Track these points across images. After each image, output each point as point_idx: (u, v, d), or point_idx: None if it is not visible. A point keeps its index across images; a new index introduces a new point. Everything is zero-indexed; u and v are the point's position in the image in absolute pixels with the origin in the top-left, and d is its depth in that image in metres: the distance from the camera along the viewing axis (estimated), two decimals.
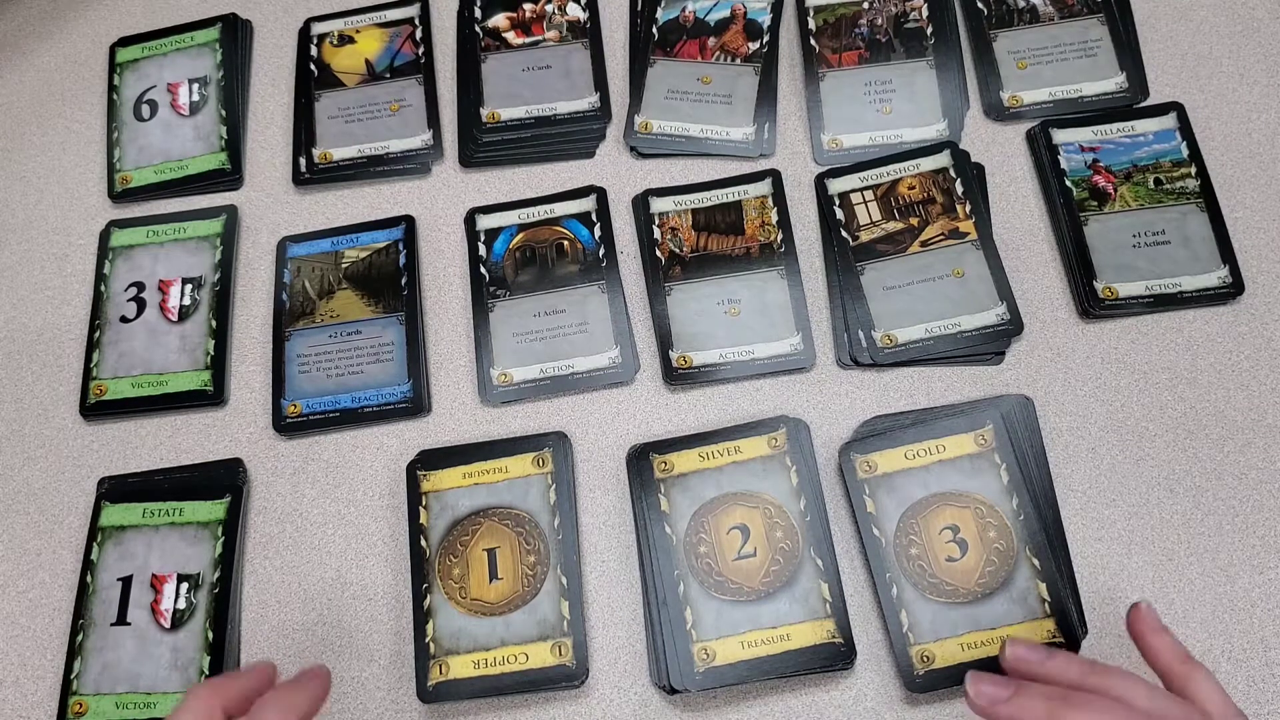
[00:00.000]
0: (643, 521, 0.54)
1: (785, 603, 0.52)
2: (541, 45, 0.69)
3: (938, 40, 0.66)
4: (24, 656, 0.56)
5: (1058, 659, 0.42)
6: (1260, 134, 0.62)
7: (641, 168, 0.65)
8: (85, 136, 0.70)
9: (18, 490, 0.60)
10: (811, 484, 0.54)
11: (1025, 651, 0.42)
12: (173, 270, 0.64)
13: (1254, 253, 0.59)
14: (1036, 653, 0.42)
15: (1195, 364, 0.57)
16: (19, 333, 0.64)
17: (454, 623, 0.53)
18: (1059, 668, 0.41)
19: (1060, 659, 0.42)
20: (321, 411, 0.59)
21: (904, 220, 0.61)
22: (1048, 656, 0.42)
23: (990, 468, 0.54)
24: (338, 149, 0.67)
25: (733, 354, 0.58)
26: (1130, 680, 0.40)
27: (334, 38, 0.71)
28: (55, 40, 0.74)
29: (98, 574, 0.56)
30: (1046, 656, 0.42)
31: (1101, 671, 0.40)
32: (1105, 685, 0.40)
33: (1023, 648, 0.43)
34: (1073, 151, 0.62)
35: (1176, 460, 0.55)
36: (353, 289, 0.63)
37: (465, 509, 0.55)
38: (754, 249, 0.61)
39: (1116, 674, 0.40)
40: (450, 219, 0.65)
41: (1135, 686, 0.40)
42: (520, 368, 0.59)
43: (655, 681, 0.52)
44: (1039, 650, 0.42)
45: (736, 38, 0.67)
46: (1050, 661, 0.42)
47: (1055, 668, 0.42)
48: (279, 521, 0.58)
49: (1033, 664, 0.42)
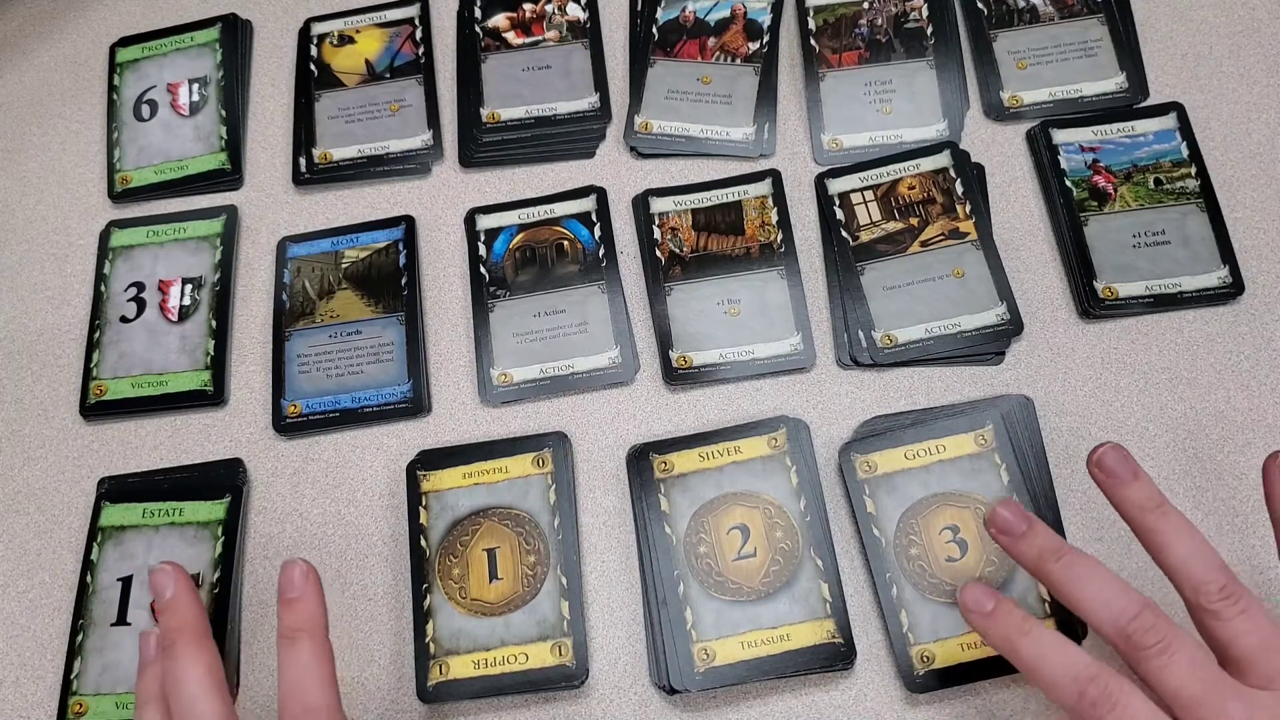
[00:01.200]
0: (643, 521, 0.54)
1: (785, 603, 0.52)
2: (541, 45, 0.69)
3: (938, 40, 0.66)
4: (24, 656, 0.56)
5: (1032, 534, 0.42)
6: (1260, 134, 0.62)
7: (641, 168, 0.65)
8: (85, 136, 0.70)
9: (18, 490, 0.60)
10: (811, 484, 0.54)
11: (1005, 521, 0.43)
12: (173, 270, 0.64)
13: (1254, 253, 0.59)
14: (987, 599, 0.42)
15: (1195, 364, 0.57)
16: (19, 333, 0.64)
17: (454, 623, 0.53)
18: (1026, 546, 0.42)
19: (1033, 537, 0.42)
20: (321, 411, 0.59)
21: (904, 220, 0.61)
22: (1024, 536, 0.43)
23: (990, 468, 0.54)
24: (338, 149, 0.67)
25: (733, 354, 0.59)
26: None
27: (334, 38, 0.71)
28: (55, 40, 0.74)
29: (98, 574, 0.56)
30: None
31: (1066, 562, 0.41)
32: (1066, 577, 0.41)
33: (1001, 517, 0.43)
34: (1073, 151, 0.62)
35: (1176, 460, 0.55)
36: (353, 289, 0.63)
37: (465, 509, 0.56)
38: (754, 249, 0.61)
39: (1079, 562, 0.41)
40: (450, 219, 0.65)
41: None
42: (520, 368, 0.59)
43: (655, 681, 0.52)
44: (1021, 520, 0.43)
45: (736, 38, 0.67)
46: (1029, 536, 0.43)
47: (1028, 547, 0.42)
48: (279, 521, 0.58)
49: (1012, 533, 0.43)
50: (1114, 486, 0.43)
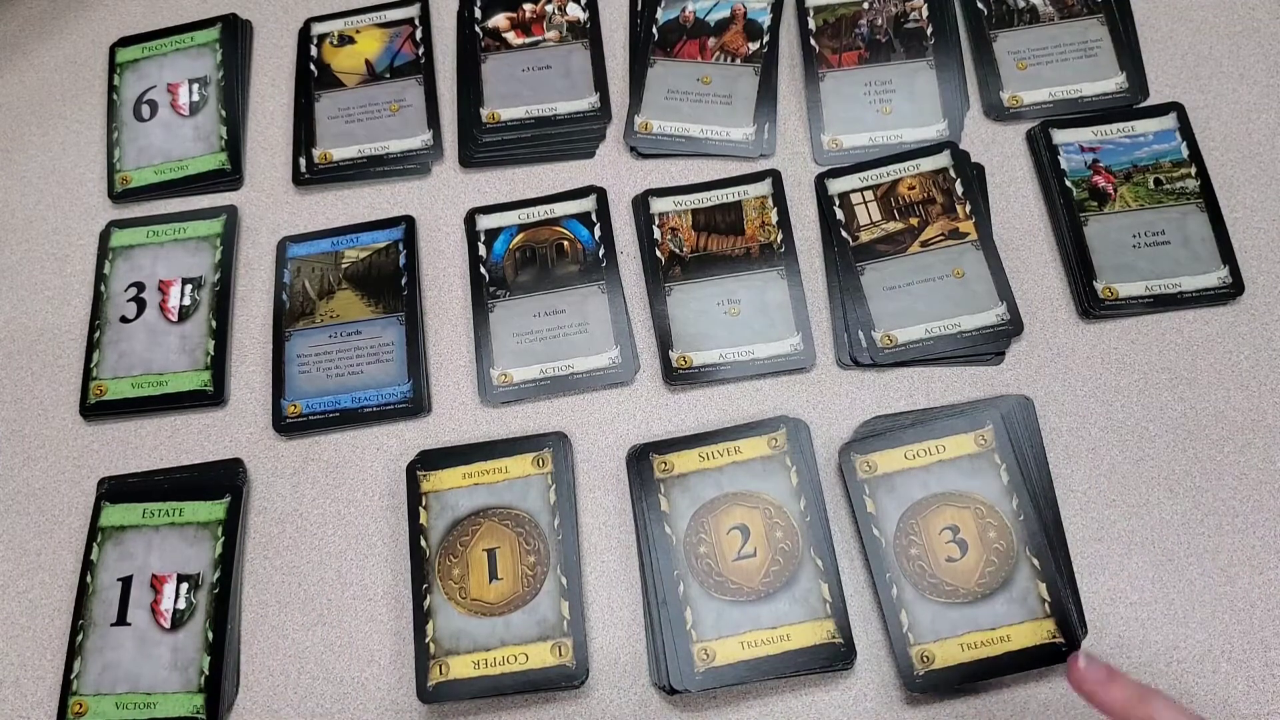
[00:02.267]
0: (643, 522, 0.54)
1: (785, 603, 0.52)
2: (541, 45, 0.69)
3: (938, 40, 0.66)
4: (24, 656, 0.56)
5: (1117, 686, 0.42)
6: (1260, 134, 0.62)
7: (641, 168, 0.65)
8: (85, 136, 0.70)
9: (18, 490, 0.60)
10: (811, 484, 0.54)
11: (1089, 670, 0.43)
12: (173, 270, 0.64)
13: (1254, 253, 0.59)
14: (1099, 672, 0.43)
15: (1195, 364, 0.57)
16: (19, 333, 0.64)
17: (454, 623, 0.53)
18: (1116, 697, 0.42)
19: (1119, 686, 0.42)
20: (321, 411, 0.59)
21: (904, 220, 0.61)
22: (1109, 680, 0.43)
23: (990, 468, 0.54)
24: (338, 149, 0.67)
25: (733, 354, 0.58)
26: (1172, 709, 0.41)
27: (334, 38, 0.71)
28: (55, 40, 0.74)
29: (98, 574, 0.56)
30: (1108, 679, 0.43)
31: (1149, 698, 0.41)
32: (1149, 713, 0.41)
33: (1089, 666, 0.43)
34: (1073, 152, 0.62)
35: (1176, 460, 0.55)
36: (353, 289, 0.63)
37: (465, 509, 0.56)
38: (754, 249, 0.61)
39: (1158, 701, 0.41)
40: (450, 219, 0.65)
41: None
42: (520, 368, 0.59)
43: (655, 682, 0.52)
44: (1102, 670, 0.43)
45: (736, 38, 0.67)
46: (1111, 687, 0.42)
47: (1112, 698, 0.42)
48: (279, 521, 0.58)
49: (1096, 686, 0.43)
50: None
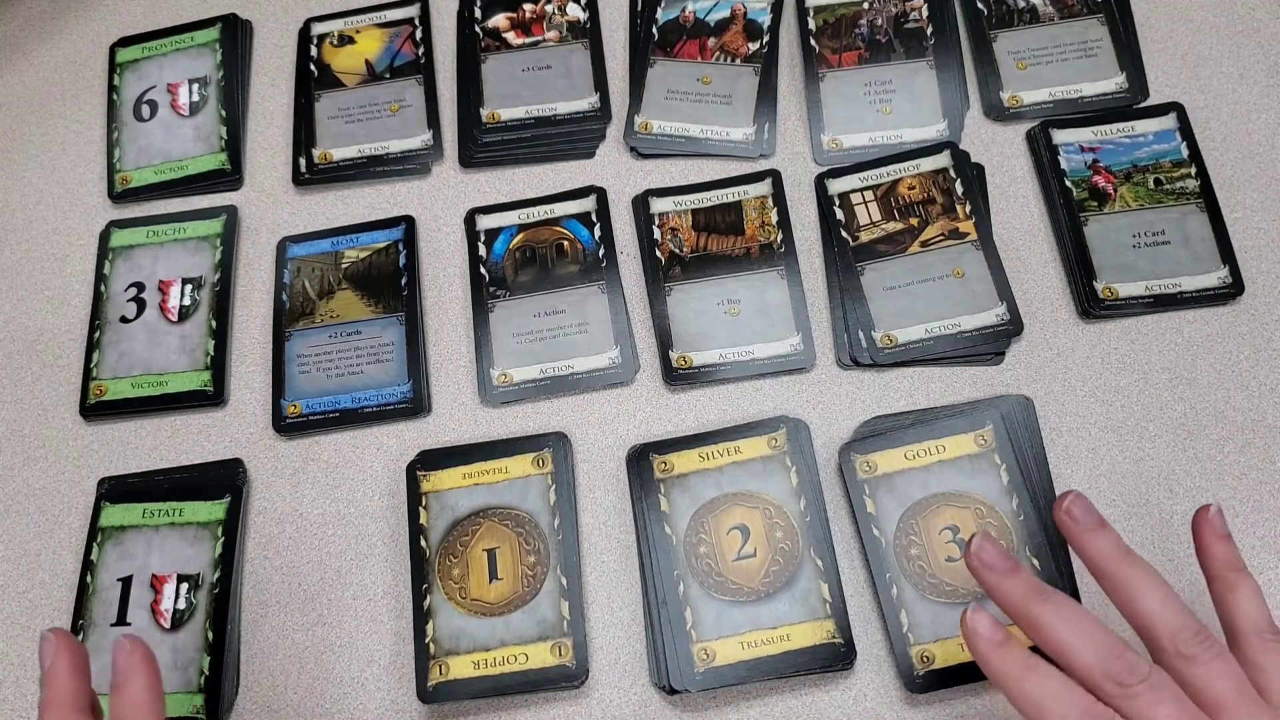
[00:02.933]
0: (643, 522, 0.54)
1: (785, 603, 0.52)
2: (541, 45, 0.69)
3: (938, 40, 0.66)
4: (24, 656, 0.56)
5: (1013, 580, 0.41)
6: (1260, 134, 0.62)
7: (641, 168, 0.65)
8: (85, 136, 0.70)
9: (18, 490, 0.60)
10: (811, 484, 0.54)
11: (992, 556, 0.41)
12: (173, 270, 0.64)
13: (1254, 253, 0.59)
14: (1004, 559, 0.41)
15: (1195, 364, 0.57)
16: (19, 333, 0.64)
17: (454, 623, 0.53)
18: (1007, 589, 0.41)
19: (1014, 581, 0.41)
20: (321, 412, 0.59)
21: (904, 220, 0.61)
22: (1009, 572, 0.41)
23: (990, 468, 0.54)
24: (338, 149, 0.67)
25: (733, 354, 0.58)
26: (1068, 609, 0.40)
27: (334, 38, 0.71)
28: (55, 40, 0.74)
29: (98, 574, 0.56)
30: (1009, 571, 0.41)
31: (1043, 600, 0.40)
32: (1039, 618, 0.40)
33: (990, 551, 0.42)
34: (1073, 152, 0.62)
35: (1176, 460, 0.55)
36: (353, 289, 0.63)
37: (465, 509, 0.56)
38: (754, 249, 0.61)
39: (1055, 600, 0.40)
40: (450, 219, 0.65)
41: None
42: (520, 368, 0.59)
43: (655, 682, 0.52)
44: (1006, 559, 0.41)
45: (736, 38, 0.67)
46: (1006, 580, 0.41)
47: (1005, 589, 0.41)
48: (279, 521, 0.58)
49: (990, 571, 0.41)
50: (1082, 534, 0.42)
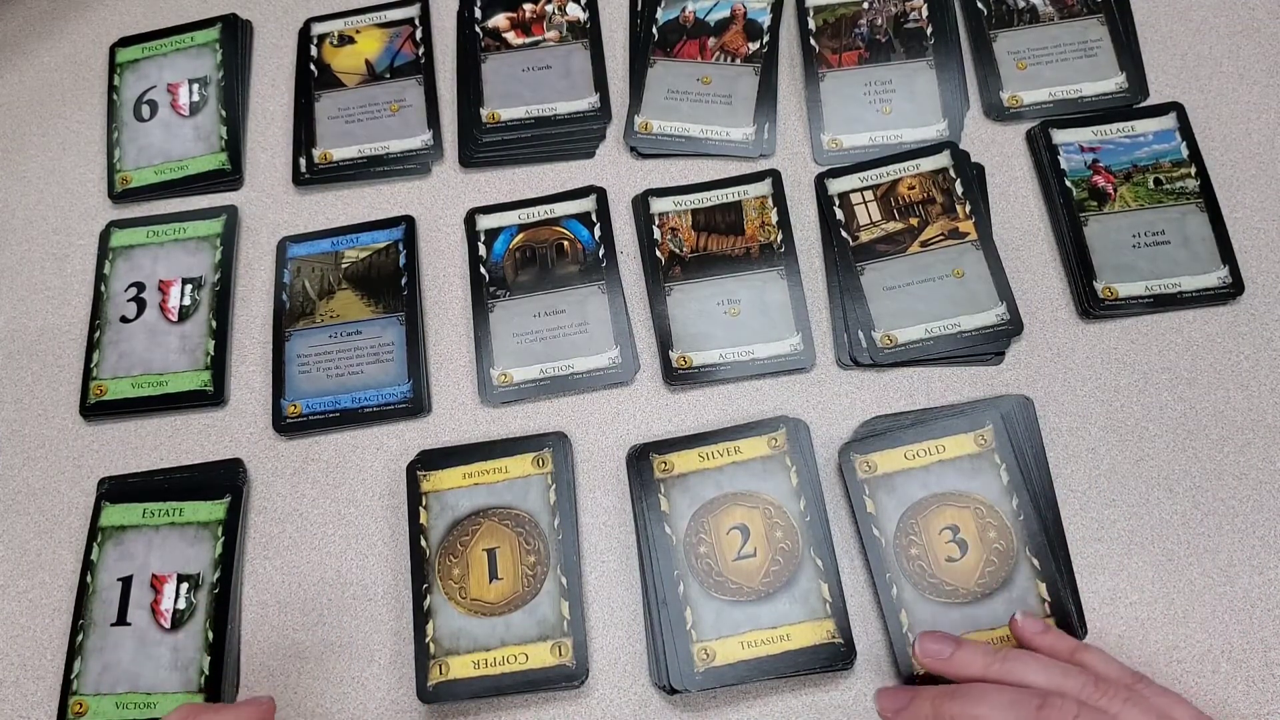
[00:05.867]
0: (643, 521, 0.54)
1: (785, 603, 0.52)
2: (541, 45, 0.69)
3: (938, 40, 0.66)
4: (24, 656, 0.56)
5: (963, 652, 0.44)
6: (1260, 134, 0.62)
7: (641, 168, 0.65)
8: (85, 136, 0.70)
9: (18, 490, 0.60)
10: (811, 484, 0.54)
11: (934, 645, 0.45)
12: (173, 270, 0.64)
13: (1254, 253, 0.59)
14: (945, 646, 0.45)
15: (1195, 364, 0.57)
16: (19, 333, 0.64)
17: (454, 623, 0.53)
18: (964, 662, 0.44)
19: (965, 653, 0.44)
20: (321, 412, 0.59)
21: (904, 220, 0.61)
22: (955, 650, 0.44)
23: (990, 468, 0.54)
24: (338, 149, 0.67)
25: (733, 354, 0.59)
26: (1025, 661, 0.43)
27: (334, 38, 0.71)
28: (55, 40, 0.74)
29: (98, 574, 0.56)
30: (953, 651, 0.44)
31: (1001, 659, 0.43)
32: (1004, 672, 0.42)
33: (931, 641, 0.45)
34: (1073, 152, 0.62)
35: (1176, 460, 0.55)
36: (353, 289, 0.63)
37: (465, 509, 0.56)
38: (754, 249, 0.61)
39: (1014, 658, 0.43)
40: (450, 219, 0.65)
41: (1028, 665, 0.42)
42: (520, 368, 0.59)
43: (655, 681, 0.52)
44: (948, 643, 0.45)
45: (736, 38, 0.67)
46: (957, 654, 0.44)
47: (960, 662, 0.44)
48: (279, 521, 0.58)
49: (940, 660, 0.45)
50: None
